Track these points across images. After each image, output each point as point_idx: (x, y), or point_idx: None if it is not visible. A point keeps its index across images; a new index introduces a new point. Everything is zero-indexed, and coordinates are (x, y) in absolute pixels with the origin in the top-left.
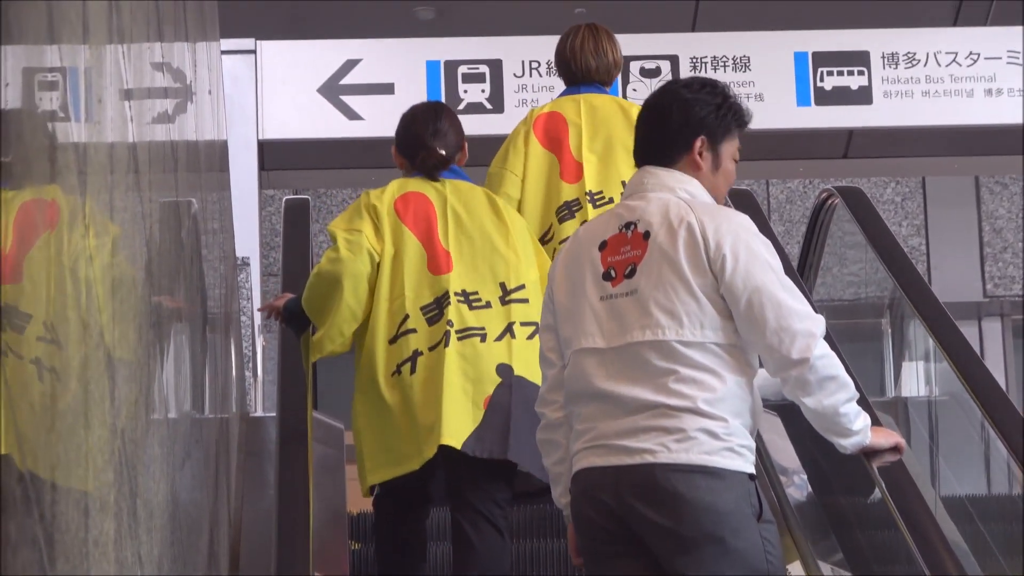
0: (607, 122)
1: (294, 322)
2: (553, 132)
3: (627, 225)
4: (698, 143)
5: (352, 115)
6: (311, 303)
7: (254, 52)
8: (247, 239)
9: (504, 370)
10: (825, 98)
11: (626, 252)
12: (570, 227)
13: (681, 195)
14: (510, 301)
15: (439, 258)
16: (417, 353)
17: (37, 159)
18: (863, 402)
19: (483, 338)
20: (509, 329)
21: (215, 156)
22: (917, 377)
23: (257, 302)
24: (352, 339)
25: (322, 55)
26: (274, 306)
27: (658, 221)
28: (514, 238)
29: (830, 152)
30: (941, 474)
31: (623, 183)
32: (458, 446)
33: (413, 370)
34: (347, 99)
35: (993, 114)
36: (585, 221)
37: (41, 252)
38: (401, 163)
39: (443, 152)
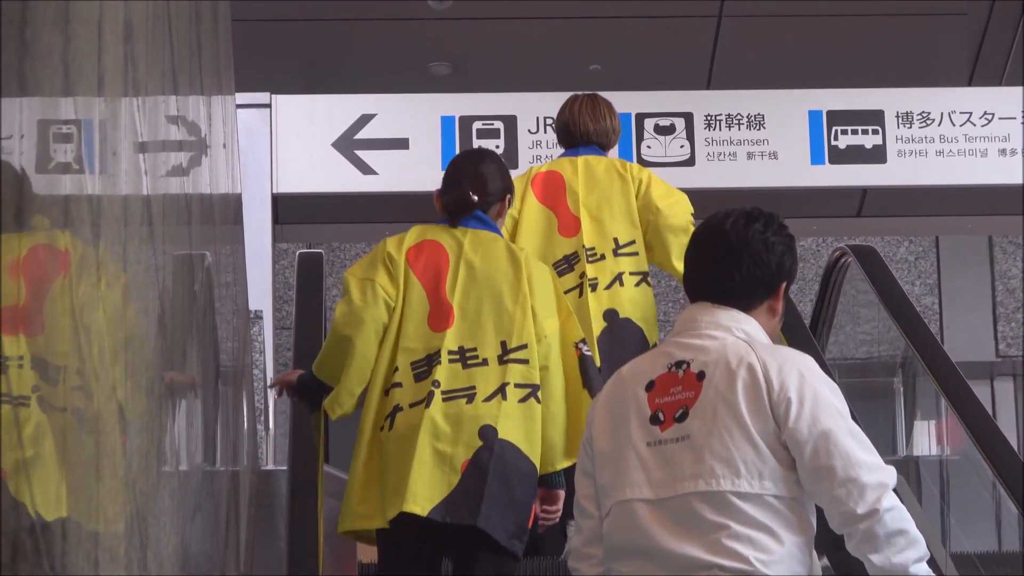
0: (603, 182)
1: (307, 397)
2: (551, 189)
3: (678, 364)
4: (782, 288)
5: (366, 169)
6: (324, 364)
7: (269, 106)
8: (260, 292)
9: (487, 432)
10: (839, 156)
11: (677, 393)
12: (569, 280)
13: (738, 335)
14: (508, 361)
15: (440, 312)
16: (397, 408)
17: (51, 211)
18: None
19: (470, 398)
20: (502, 389)
21: (229, 209)
22: (929, 436)
23: (270, 355)
24: (358, 401)
25: (337, 109)
26: (285, 381)
27: (714, 360)
28: (525, 294)
29: (844, 210)
30: (952, 532)
31: (615, 240)
32: (423, 513)
33: (391, 426)
34: (361, 154)
35: (1007, 174)
36: (583, 274)
37: (53, 304)
38: (438, 203)
39: (475, 197)
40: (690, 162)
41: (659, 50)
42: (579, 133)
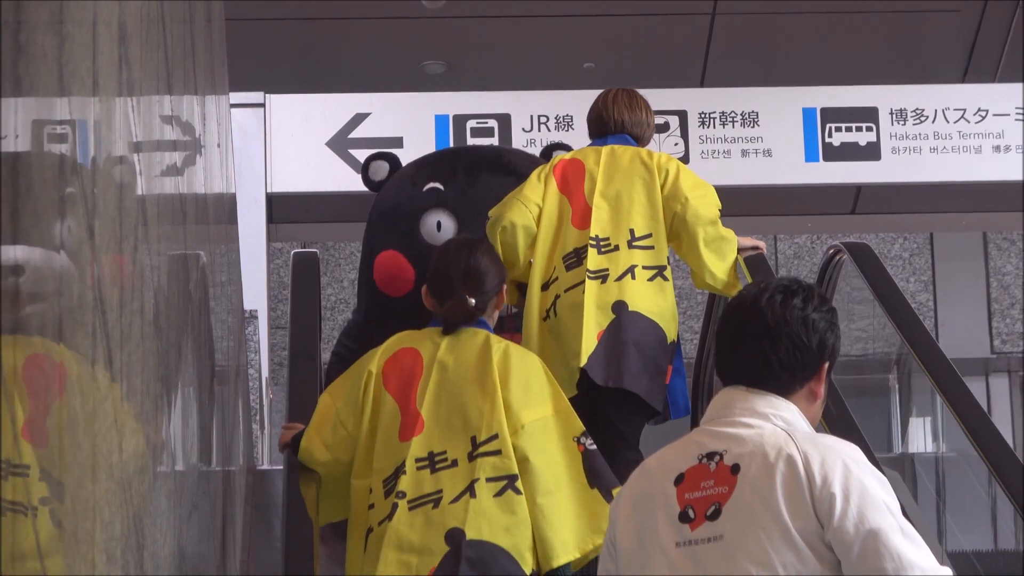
0: (625, 171)
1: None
2: (570, 176)
3: (710, 455)
4: (824, 369)
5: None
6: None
7: (263, 105)
8: (255, 292)
9: (454, 535)
10: (833, 154)
11: (708, 488)
12: (576, 274)
13: (777, 423)
14: (478, 455)
15: (408, 422)
16: (368, 531)
17: (46, 212)
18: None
19: (436, 503)
20: (470, 488)
21: (224, 209)
22: (924, 433)
23: (265, 355)
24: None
25: (331, 109)
26: (283, 441)
27: (750, 452)
28: (494, 383)
29: (838, 208)
30: (948, 530)
31: (631, 231)
32: None
33: (364, 548)
34: (356, 152)
35: (1001, 170)
36: (588, 270)
37: (52, 420)
38: (431, 305)
39: (472, 302)
40: (684, 160)
41: (653, 48)
42: (612, 121)
